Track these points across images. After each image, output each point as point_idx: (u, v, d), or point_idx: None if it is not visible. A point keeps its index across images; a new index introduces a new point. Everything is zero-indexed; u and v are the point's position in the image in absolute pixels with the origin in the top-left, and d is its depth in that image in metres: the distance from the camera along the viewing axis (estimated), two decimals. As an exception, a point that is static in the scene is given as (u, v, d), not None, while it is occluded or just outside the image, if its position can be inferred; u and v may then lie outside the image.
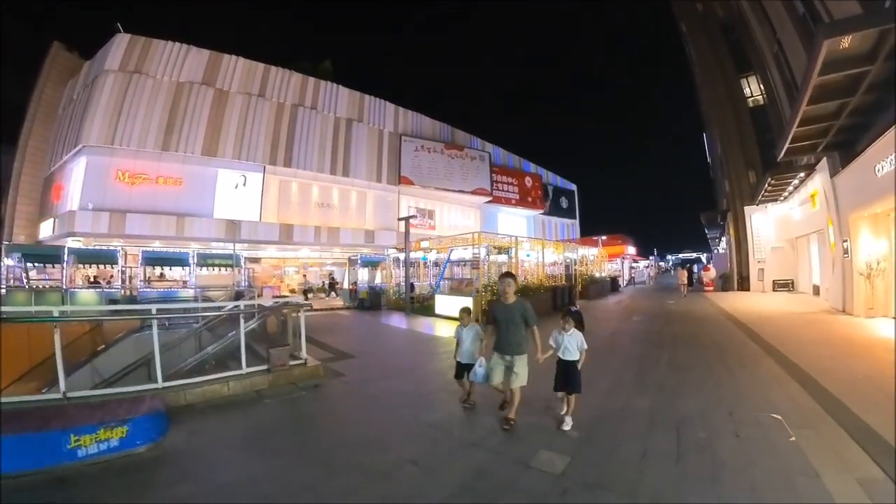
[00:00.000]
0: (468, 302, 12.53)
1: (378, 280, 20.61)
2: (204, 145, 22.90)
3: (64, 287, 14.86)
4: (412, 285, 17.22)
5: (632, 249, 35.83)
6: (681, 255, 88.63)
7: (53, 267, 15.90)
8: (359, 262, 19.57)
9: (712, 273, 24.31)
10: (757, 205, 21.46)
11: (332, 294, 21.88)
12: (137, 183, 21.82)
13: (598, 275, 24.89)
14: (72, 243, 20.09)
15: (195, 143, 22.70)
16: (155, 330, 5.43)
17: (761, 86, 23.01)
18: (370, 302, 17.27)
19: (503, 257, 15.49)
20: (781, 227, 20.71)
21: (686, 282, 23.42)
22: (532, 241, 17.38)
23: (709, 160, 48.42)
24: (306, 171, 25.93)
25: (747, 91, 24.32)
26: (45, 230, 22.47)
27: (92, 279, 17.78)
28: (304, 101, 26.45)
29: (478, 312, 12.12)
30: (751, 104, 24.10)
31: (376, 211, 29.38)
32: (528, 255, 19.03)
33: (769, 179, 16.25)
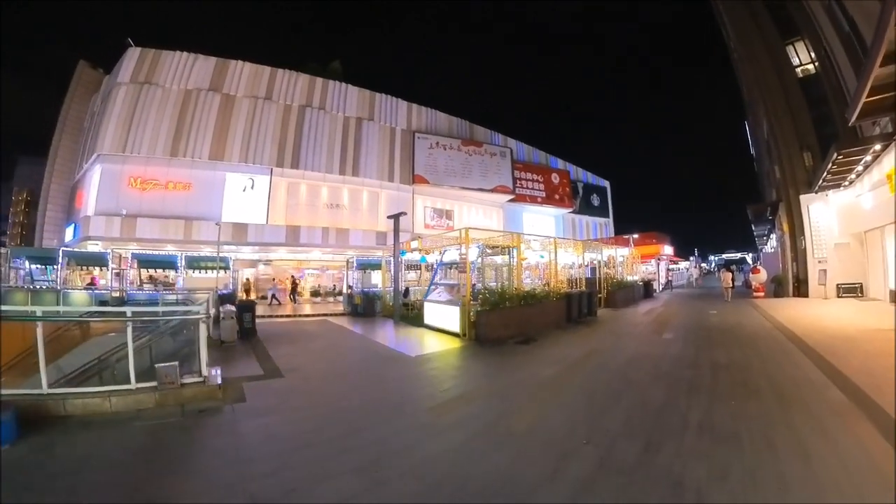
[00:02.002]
0: (455, 312, 10.26)
1: (375, 284, 18.76)
2: (211, 150, 22.39)
3: (58, 287, 14.99)
4: (406, 290, 15.15)
5: (669, 249, 31.67)
6: (724, 256, 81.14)
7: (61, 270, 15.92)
8: (354, 264, 17.70)
9: (763, 276, 20.35)
10: (815, 192, 17.60)
11: (294, 299, 20.29)
12: (148, 188, 21.60)
13: (628, 278, 21.70)
14: (90, 246, 20.08)
15: (202, 148, 22.22)
16: (40, 331, 4.95)
17: (811, 52, 19.09)
18: (363, 308, 15.36)
19: (504, 258, 13.02)
20: (846, 218, 16.77)
21: (731, 285, 20.15)
22: (542, 240, 14.74)
23: (752, 151, 43.24)
24: (315, 172, 24.63)
25: (795, 60, 20.39)
26: (69, 234, 22.82)
27: (90, 281, 17.25)
28: (312, 101, 25.26)
29: (465, 326, 9.84)
30: (800, 74, 20.17)
31: (389, 211, 27.35)
32: (541, 257, 16.46)
33: (834, 156, 12.73)
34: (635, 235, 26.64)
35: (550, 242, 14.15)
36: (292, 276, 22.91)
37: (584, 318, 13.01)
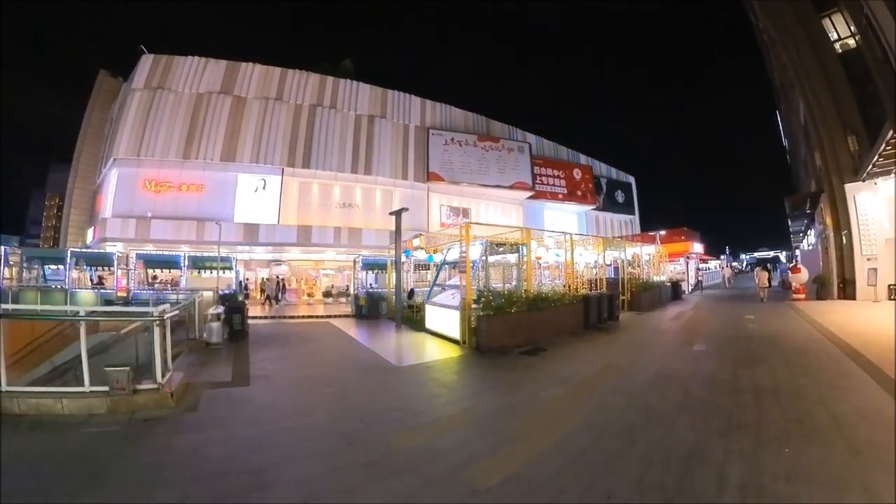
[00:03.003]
0: (456, 317, 9.26)
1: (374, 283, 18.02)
2: (223, 151, 22.26)
3: (67, 287, 15.00)
4: (412, 292, 14.23)
5: (698, 247, 29.42)
6: (756, 254, 76.46)
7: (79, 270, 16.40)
8: (360, 264, 16.93)
9: (804, 275, 18.20)
10: (863, 180, 15.57)
11: (271, 302, 19.81)
12: (162, 191, 21.62)
13: (655, 278, 20.05)
14: (108, 247, 20.22)
15: (214, 150, 22.11)
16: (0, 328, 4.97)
17: (850, 24, 16.96)
18: (367, 310, 14.55)
19: (513, 257, 11.90)
20: (901, 209, 14.76)
21: (767, 285, 18.29)
22: (558, 237, 13.50)
23: (784, 142, 40.09)
24: (326, 172, 24.08)
25: (832, 35, 18.23)
26: (89, 236, 23.15)
27: (98, 280, 17.21)
28: (323, 100, 24.76)
29: (465, 333, 8.83)
30: (839, 49, 18.02)
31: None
32: (557, 256, 15.21)
33: (889, 135, 10.90)
34: (662, 232, 24.75)
35: (566, 239, 12.88)
36: (275, 277, 22.20)
37: (605, 324, 11.69)
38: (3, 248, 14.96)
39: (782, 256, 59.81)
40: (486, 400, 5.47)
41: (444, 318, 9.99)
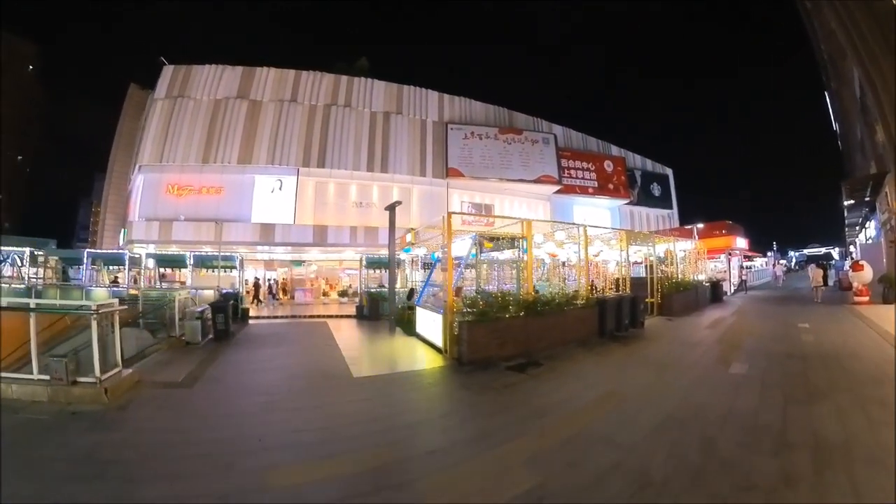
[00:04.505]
0: (438, 320, 7.92)
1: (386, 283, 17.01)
2: (240, 154, 22.28)
3: (83, 285, 15.92)
4: (411, 292, 13.02)
5: (742, 242, 25.86)
6: (805, 251, 68.50)
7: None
8: (363, 262, 15.96)
9: (867, 274, 14.75)
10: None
11: (258, 302, 19.14)
12: (184, 194, 21.80)
13: (692, 277, 17.57)
14: (137, 249, 20.59)
15: (232, 153, 22.16)
16: None
17: None
18: (368, 310, 13.53)
19: (513, 253, 10.34)
20: None
21: (821, 283, 16.01)
22: (569, 230, 11.72)
23: (835, 126, 34.90)
24: (342, 171, 23.47)
25: None
26: (121, 239, 24.02)
27: (113, 279, 17.46)
28: (337, 100, 24.26)
29: (446, 341, 7.47)
30: None
31: (422, 208, 25.50)
32: (576, 252, 13.38)
33: None
34: (700, 225, 21.84)
35: (580, 232, 11.03)
36: (256, 279, 21.54)
37: (625, 332, 9.77)
38: (27, 249, 15.28)
39: (834, 253, 52.84)
40: (432, 438, 4.21)
41: (431, 322, 8.72)
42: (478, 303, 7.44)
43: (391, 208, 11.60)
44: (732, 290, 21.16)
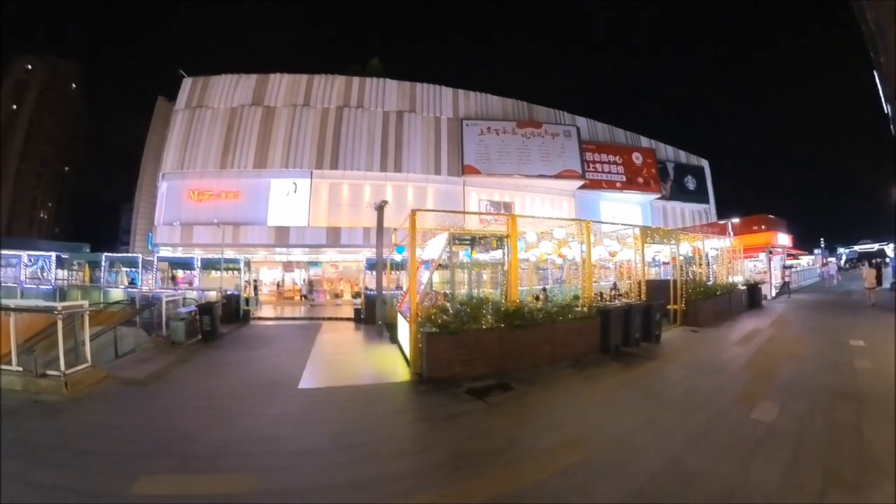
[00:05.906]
0: (405, 329, 7.14)
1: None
2: (255, 159, 22.63)
3: (101, 286, 16.63)
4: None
5: (784, 238, 22.53)
6: (857, 247, 60.68)
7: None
8: (364, 264, 15.44)
9: None
10: None
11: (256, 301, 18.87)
12: (204, 199, 22.27)
13: (727, 279, 15.50)
14: (163, 251, 21.27)
15: (248, 159, 22.54)
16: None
17: None
18: (365, 313, 12.96)
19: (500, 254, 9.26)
20: None
21: (874, 284, 14.21)
22: (569, 227, 10.42)
23: (886, 109, 30.12)
24: (355, 172, 23.17)
25: None
26: (148, 242, 24.74)
27: (130, 281, 18.01)
28: (350, 101, 24.12)
29: (413, 353, 6.69)
30: None
31: (438, 207, 24.71)
32: (582, 252, 12.06)
33: None
34: (735, 220, 19.32)
35: (581, 229, 9.68)
36: (255, 280, 21.37)
37: (635, 348, 8.19)
38: (54, 254, 15.92)
39: (889, 250, 45.90)
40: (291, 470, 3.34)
41: (405, 331, 7.88)
42: (442, 312, 6.53)
43: (379, 208, 10.97)
44: (774, 294, 18.67)
